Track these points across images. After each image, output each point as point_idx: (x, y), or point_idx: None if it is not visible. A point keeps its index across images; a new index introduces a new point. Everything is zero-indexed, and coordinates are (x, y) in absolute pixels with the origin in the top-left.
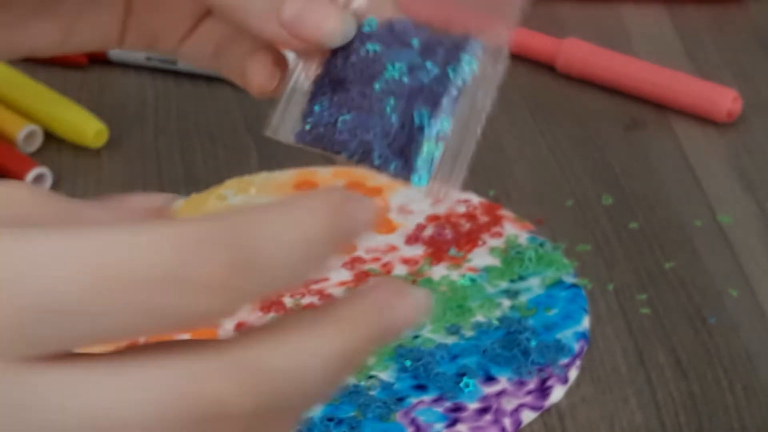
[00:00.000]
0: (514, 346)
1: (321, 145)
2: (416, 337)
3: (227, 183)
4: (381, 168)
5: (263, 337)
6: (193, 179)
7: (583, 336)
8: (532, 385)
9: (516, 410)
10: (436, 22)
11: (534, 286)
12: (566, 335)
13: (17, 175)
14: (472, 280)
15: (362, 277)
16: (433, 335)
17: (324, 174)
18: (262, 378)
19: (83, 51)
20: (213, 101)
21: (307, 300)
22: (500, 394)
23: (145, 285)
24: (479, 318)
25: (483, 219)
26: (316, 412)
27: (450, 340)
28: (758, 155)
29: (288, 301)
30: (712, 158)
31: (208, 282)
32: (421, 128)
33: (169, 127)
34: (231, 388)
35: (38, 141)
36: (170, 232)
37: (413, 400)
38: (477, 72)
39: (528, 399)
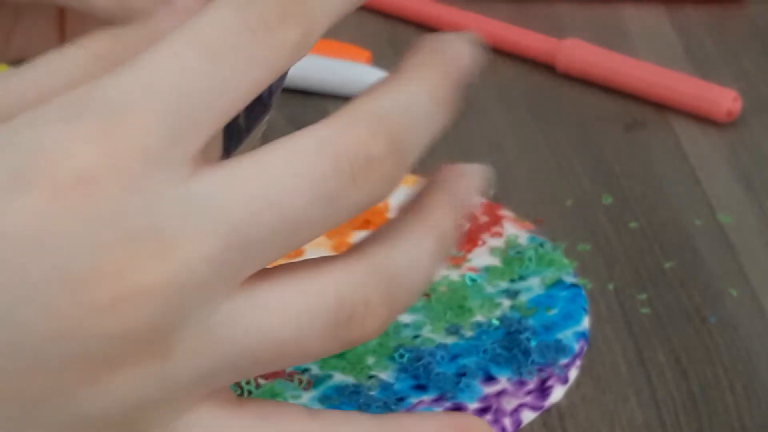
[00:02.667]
0: (514, 346)
1: None
2: (416, 336)
3: None
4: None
5: (380, 245)
6: None
7: (583, 336)
8: (532, 385)
9: (516, 410)
10: None
11: (534, 285)
12: (566, 335)
13: None
14: (472, 280)
15: None
16: (433, 335)
17: None
18: (393, 280)
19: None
20: None
21: None
22: (500, 393)
23: (319, 201)
24: (479, 318)
25: (483, 219)
26: None
27: (450, 339)
28: (758, 155)
29: None
30: (712, 158)
31: (366, 174)
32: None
33: None
34: (375, 293)
35: None
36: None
37: (413, 399)
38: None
39: (528, 399)
